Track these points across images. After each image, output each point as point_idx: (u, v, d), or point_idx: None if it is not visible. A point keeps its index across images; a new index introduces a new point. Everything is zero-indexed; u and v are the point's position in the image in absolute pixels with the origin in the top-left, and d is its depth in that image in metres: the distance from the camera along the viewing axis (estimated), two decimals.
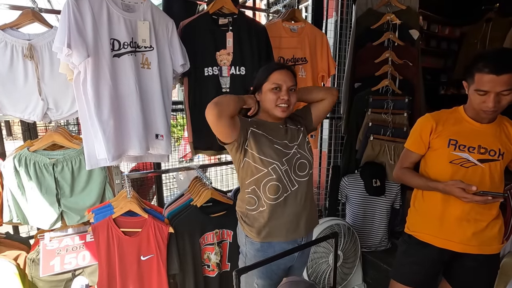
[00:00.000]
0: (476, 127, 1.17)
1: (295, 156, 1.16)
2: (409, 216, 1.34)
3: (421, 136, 1.23)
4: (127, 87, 1.39)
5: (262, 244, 1.15)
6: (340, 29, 2.45)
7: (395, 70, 2.13)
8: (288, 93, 1.12)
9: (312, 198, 1.24)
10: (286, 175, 1.13)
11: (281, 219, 1.14)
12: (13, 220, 1.47)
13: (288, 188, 1.14)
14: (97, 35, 1.29)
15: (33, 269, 1.45)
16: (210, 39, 1.57)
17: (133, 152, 1.45)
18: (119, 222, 1.48)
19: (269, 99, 1.13)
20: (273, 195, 1.12)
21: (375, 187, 2.12)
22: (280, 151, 1.14)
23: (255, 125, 1.16)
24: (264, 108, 1.18)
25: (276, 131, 1.18)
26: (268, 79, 1.13)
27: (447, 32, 3.62)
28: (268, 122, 1.19)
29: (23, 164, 1.41)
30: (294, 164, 1.15)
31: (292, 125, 1.24)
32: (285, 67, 1.16)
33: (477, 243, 1.17)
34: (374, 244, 2.20)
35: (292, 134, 1.21)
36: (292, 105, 1.15)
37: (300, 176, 1.16)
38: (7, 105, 1.39)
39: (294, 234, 1.16)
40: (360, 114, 2.18)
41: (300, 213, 1.16)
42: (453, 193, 1.08)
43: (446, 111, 1.24)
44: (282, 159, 1.12)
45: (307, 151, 1.21)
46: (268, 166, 1.11)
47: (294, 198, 1.15)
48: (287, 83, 1.12)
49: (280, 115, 1.13)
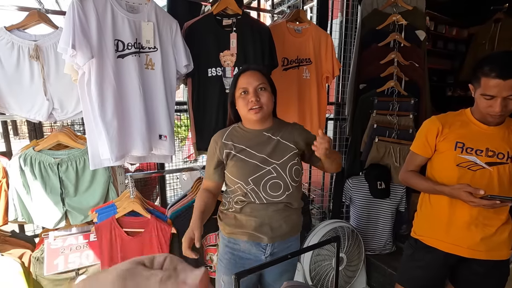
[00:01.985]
0: (483, 129, 1.14)
1: (266, 176, 1.07)
2: (415, 220, 1.32)
3: (427, 138, 1.21)
4: (131, 88, 1.40)
5: (229, 239, 1.16)
6: (345, 30, 2.43)
7: (401, 71, 2.10)
8: (256, 94, 1.06)
9: (291, 210, 1.14)
10: (252, 192, 1.08)
11: (245, 222, 1.12)
12: (18, 219, 1.48)
13: (255, 202, 1.09)
14: (101, 36, 1.30)
15: (37, 268, 1.46)
16: (213, 40, 1.57)
17: (137, 153, 1.45)
18: (122, 222, 1.49)
19: (241, 106, 1.09)
20: (239, 205, 1.12)
21: (379, 189, 2.09)
22: (251, 168, 1.07)
23: (233, 141, 1.11)
24: (242, 116, 1.13)
25: (256, 141, 1.11)
26: (236, 86, 1.09)
27: (454, 33, 3.56)
28: (250, 130, 1.13)
29: (28, 163, 1.43)
30: (263, 184, 1.07)
31: (285, 140, 1.12)
32: (249, 69, 1.11)
33: (486, 248, 1.15)
34: (379, 247, 2.17)
35: (279, 149, 1.10)
36: (266, 105, 1.07)
37: (272, 196, 1.08)
38: (14, 105, 1.41)
39: (258, 239, 1.12)
40: (365, 115, 2.16)
41: (265, 222, 1.10)
42: (460, 197, 1.06)
43: (452, 113, 1.22)
44: (247, 178, 1.07)
45: (289, 173, 1.09)
46: (234, 184, 1.10)
47: (263, 209, 1.10)
48: (253, 84, 1.06)
49: (255, 118, 1.07)
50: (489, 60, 1.04)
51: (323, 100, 1.98)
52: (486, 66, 1.03)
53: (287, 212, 1.12)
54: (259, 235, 1.10)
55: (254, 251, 1.13)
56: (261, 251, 1.13)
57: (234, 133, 1.14)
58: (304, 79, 1.91)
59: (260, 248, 1.13)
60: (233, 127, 1.17)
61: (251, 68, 1.11)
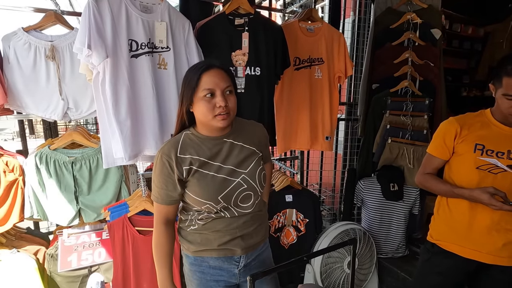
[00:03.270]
0: (505, 131, 1.10)
1: (237, 189, 0.96)
2: (432, 223, 1.28)
3: (444, 140, 1.17)
4: (144, 88, 1.41)
5: (195, 258, 1.02)
6: (358, 29, 2.40)
7: (415, 70, 2.05)
8: (224, 98, 0.89)
9: (260, 217, 1.06)
10: (224, 209, 0.97)
11: (213, 239, 0.99)
12: (33, 216, 1.51)
13: (225, 217, 0.98)
14: (116, 36, 1.31)
15: (51, 264, 1.49)
16: (225, 39, 1.57)
17: (149, 152, 1.46)
18: (134, 221, 1.50)
19: (203, 110, 0.89)
20: (203, 221, 0.98)
21: (392, 191, 2.05)
22: (219, 184, 0.94)
23: (190, 153, 0.93)
24: (201, 122, 0.94)
25: (217, 150, 0.96)
26: (198, 85, 0.89)
27: (470, 32, 3.47)
28: (207, 138, 0.96)
29: (44, 161, 1.45)
30: (234, 199, 0.96)
31: (248, 144, 1.00)
32: (214, 66, 0.91)
33: (508, 254, 1.10)
34: (391, 251, 2.13)
35: (244, 156, 0.98)
36: (233, 110, 0.92)
37: (243, 208, 0.99)
38: (30, 104, 1.44)
39: (230, 252, 1.00)
40: (377, 116, 2.12)
41: (236, 235, 0.99)
42: (482, 199, 1.02)
43: (471, 114, 1.18)
44: (217, 197, 0.93)
45: (258, 181, 0.98)
46: (200, 205, 0.95)
47: (234, 222, 0.99)
48: (220, 85, 0.89)
49: (221, 125, 0.90)
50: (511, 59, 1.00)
51: (335, 100, 1.95)
52: (509, 65, 0.99)
53: (258, 221, 1.04)
54: (232, 248, 0.99)
55: (226, 266, 1.02)
56: (234, 264, 1.02)
57: (188, 143, 0.95)
58: (316, 79, 1.89)
59: (233, 262, 1.02)
60: (185, 136, 0.96)
61: (216, 65, 0.92)
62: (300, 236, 1.89)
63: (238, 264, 1.03)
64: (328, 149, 2.00)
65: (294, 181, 1.92)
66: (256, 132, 1.04)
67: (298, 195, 1.88)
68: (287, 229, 1.87)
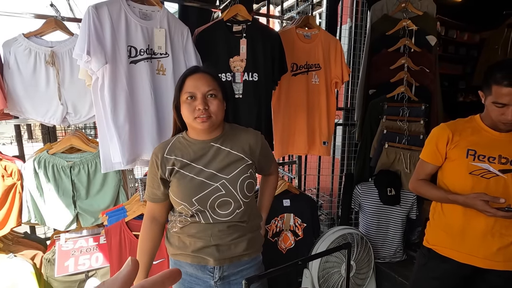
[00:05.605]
0: (495, 136, 1.12)
1: (214, 194, 0.95)
2: (428, 229, 1.29)
3: (437, 146, 1.18)
4: (143, 93, 1.42)
5: (175, 261, 1.04)
6: (355, 35, 2.43)
7: (411, 76, 2.08)
8: (204, 101, 0.91)
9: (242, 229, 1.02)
10: (199, 212, 0.97)
11: (188, 243, 1.00)
12: (31, 221, 1.51)
13: (200, 222, 0.98)
14: (115, 42, 1.33)
15: (48, 269, 1.48)
16: (224, 45, 1.59)
17: (147, 157, 1.47)
18: (132, 226, 1.50)
19: (185, 113, 0.93)
20: (182, 224, 1.01)
21: (389, 196, 2.06)
22: (195, 187, 0.94)
23: (176, 155, 0.97)
24: (187, 124, 0.98)
25: (202, 153, 0.97)
26: (182, 89, 0.94)
27: (466, 38, 3.52)
28: (195, 141, 0.98)
29: (42, 166, 1.46)
30: (210, 203, 0.95)
31: (237, 151, 0.99)
32: (198, 70, 0.96)
33: (503, 258, 1.11)
34: (389, 255, 2.13)
35: (229, 162, 0.97)
36: (215, 114, 0.93)
37: (220, 215, 0.97)
38: (30, 109, 1.45)
39: (202, 261, 1.00)
40: (374, 121, 2.14)
41: (210, 243, 0.98)
42: (476, 206, 1.03)
43: (462, 120, 1.20)
44: (191, 199, 0.94)
45: (240, 189, 0.96)
46: (177, 205, 0.98)
47: (208, 229, 0.98)
48: (201, 89, 0.92)
49: (201, 127, 0.93)
50: (500, 67, 1.01)
51: (332, 106, 1.97)
52: (498, 73, 1.00)
53: (239, 232, 1.00)
54: (204, 256, 0.98)
55: (200, 274, 1.01)
56: (209, 274, 1.00)
57: (177, 145, 0.99)
58: (313, 85, 1.91)
59: (207, 272, 1.00)
60: (176, 138, 1.01)
61: (200, 70, 0.96)
62: (298, 240, 1.90)
63: (212, 276, 1.00)
64: (325, 154, 2.02)
65: (291, 185, 1.93)
66: (249, 140, 1.01)
67: (296, 200, 1.89)
68: (285, 233, 1.88)
